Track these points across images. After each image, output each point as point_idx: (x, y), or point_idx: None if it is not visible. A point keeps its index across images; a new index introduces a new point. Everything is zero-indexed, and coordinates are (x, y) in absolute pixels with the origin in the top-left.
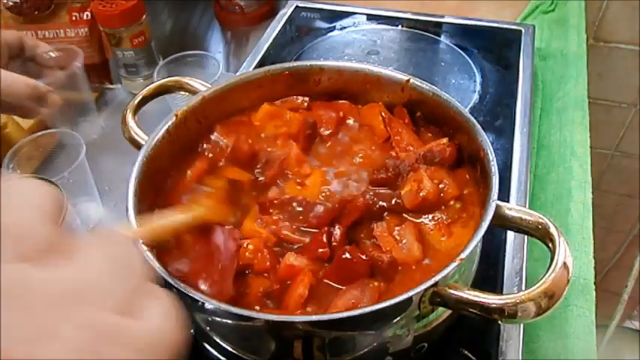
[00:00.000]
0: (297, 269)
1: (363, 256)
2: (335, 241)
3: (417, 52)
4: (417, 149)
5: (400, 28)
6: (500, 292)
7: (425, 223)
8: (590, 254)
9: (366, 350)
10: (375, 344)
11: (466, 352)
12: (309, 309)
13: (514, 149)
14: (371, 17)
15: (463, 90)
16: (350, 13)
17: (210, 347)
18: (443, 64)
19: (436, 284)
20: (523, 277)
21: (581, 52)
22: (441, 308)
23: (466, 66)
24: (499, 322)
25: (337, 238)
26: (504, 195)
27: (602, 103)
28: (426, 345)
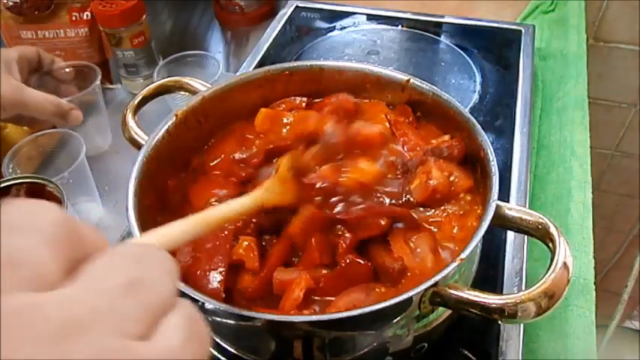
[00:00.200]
0: (289, 281)
1: (361, 261)
2: (342, 248)
3: (417, 52)
4: (424, 147)
5: (400, 28)
6: (500, 292)
7: (437, 220)
8: (590, 254)
9: (366, 350)
10: (375, 344)
11: (466, 352)
12: (306, 312)
13: (514, 149)
14: (371, 17)
15: (463, 90)
16: (350, 13)
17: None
18: (443, 64)
19: (436, 284)
20: (523, 277)
21: (581, 52)
22: (441, 308)
23: (466, 66)
24: (499, 322)
25: (344, 246)
26: (504, 195)
27: (602, 103)
28: (426, 345)
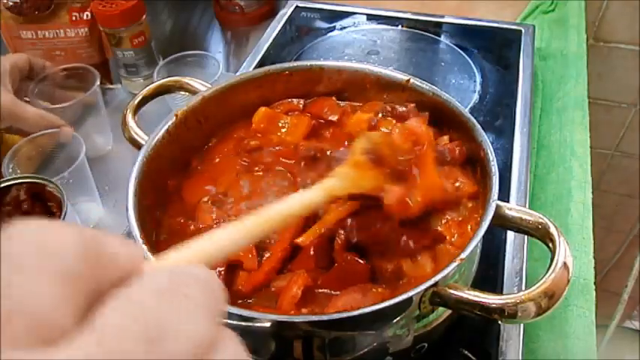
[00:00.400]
0: (286, 286)
1: (361, 261)
2: (337, 246)
3: (417, 52)
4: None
5: (400, 28)
6: (500, 292)
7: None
8: (590, 254)
9: (366, 350)
10: (375, 344)
11: (466, 352)
12: (304, 310)
13: (514, 149)
14: (371, 17)
15: (463, 90)
16: (350, 13)
17: None
18: (443, 64)
19: (436, 284)
20: (523, 277)
21: (581, 52)
22: (441, 308)
23: (466, 66)
24: (499, 322)
25: (340, 243)
26: (504, 195)
27: (602, 103)
28: (426, 345)
